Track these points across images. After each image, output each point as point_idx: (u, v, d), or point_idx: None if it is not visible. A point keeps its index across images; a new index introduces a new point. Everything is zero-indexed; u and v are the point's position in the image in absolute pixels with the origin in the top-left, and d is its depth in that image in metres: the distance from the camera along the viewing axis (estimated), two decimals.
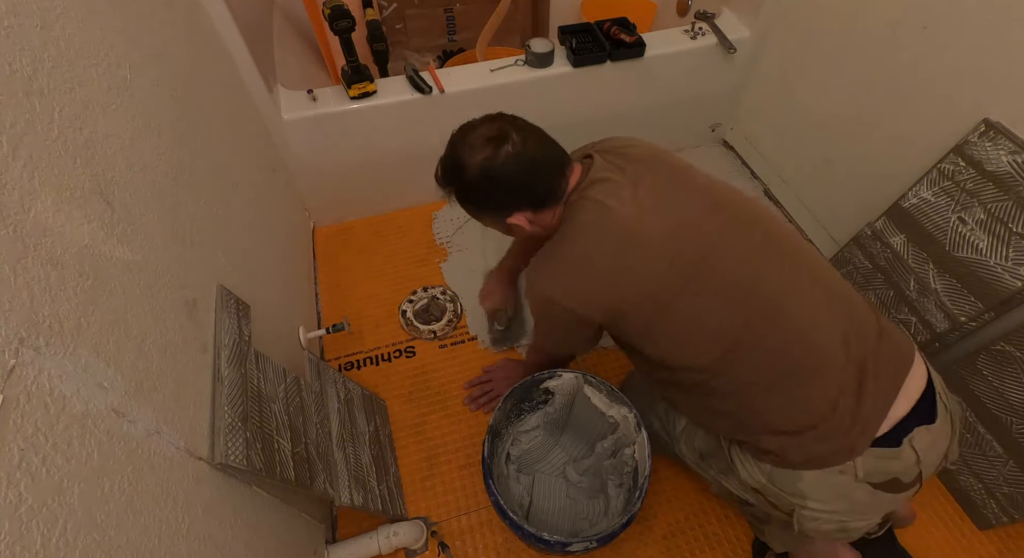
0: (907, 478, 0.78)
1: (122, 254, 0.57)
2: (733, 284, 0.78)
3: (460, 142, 0.84)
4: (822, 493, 0.79)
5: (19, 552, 0.37)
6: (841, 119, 1.41)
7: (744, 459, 0.86)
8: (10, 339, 0.40)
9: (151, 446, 0.55)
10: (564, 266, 0.83)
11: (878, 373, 0.78)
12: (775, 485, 0.83)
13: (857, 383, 0.77)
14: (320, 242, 1.65)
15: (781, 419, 0.80)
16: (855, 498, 0.79)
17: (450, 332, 1.46)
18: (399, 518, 1.13)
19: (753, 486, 0.86)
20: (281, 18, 1.58)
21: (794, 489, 0.81)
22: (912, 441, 0.77)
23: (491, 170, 0.81)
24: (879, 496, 0.78)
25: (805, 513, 0.81)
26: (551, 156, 0.85)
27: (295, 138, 1.36)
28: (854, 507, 0.80)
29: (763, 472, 0.83)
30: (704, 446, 0.96)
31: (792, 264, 0.81)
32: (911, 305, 1.19)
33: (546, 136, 0.86)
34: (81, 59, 0.58)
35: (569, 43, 1.46)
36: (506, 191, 0.84)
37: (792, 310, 0.78)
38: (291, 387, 0.90)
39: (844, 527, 0.81)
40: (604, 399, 1.11)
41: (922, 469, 0.78)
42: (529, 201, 0.85)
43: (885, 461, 0.77)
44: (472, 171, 0.82)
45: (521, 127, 0.83)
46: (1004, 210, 1.00)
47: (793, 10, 1.47)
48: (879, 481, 0.77)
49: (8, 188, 0.43)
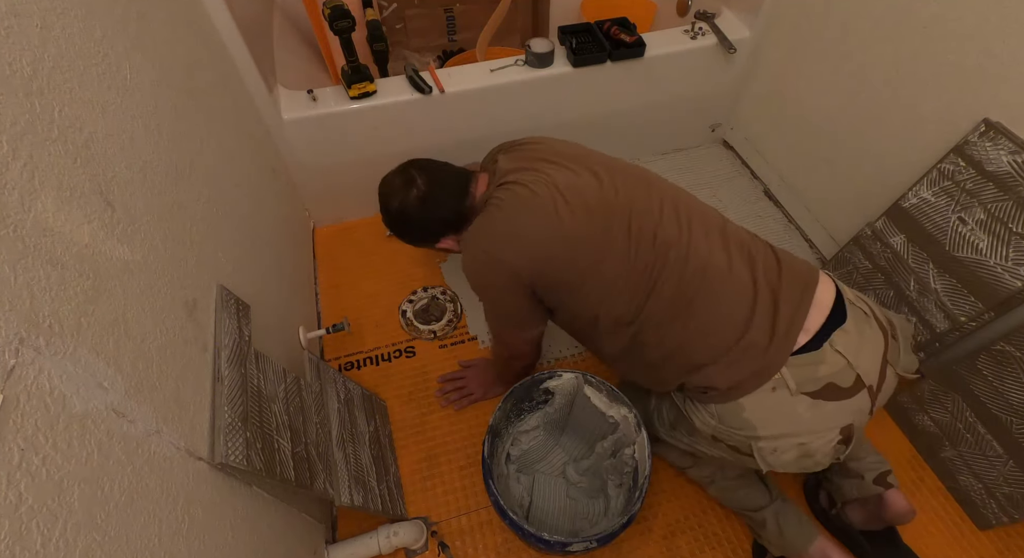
0: (844, 383, 0.82)
1: (122, 254, 0.57)
2: (639, 233, 0.88)
3: (383, 193, 1.06)
4: (766, 417, 0.84)
5: (19, 552, 0.37)
6: (841, 119, 1.41)
7: (694, 409, 0.92)
8: (10, 339, 0.40)
9: (151, 446, 0.55)
10: (496, 224, 0.93)
11: (786, 289, 0.85)
12: (725, 424, 0.88)
13: (770, 302, 0.84)
14: (320, 242, 1.65)
15: (702, 350, 0.86)
16: (798, 413, 0.82)
17: (450, 332, 1.46)
18: (399, 518, 1.13)
19: (711, 434, 0.91)
20: (281, 18, 1.58)
21: (741, 421, 0.85)
22: (832, 344, 0.83)
23: (406, 212, 1.02)
24: (822, 406, 0.82)
25: (761, 445, 0.85)
26: (452, 186, 1.02)
27: (295, 138, 1.36)
28: (803, 425, 0.83)
29: (711, 414, 0.89)
30: (670, 415, 1.03)
31: (676, 206, 0.91)
32: (911, 305, 1.19)
33: (447, 168, 1.05)
34: (81, 59, 0.58)
35: (569, 43, 1.46)
36: (425, 224, 1.04)
37: (692, 249, 0.87)
38: (291, 387, 0.90)
39: (805, 450, 0.84)
40: (604, 399, 1.11)
41: (859, 373, 0.82)
42: (448, 227, 1.04)
43: (812, 367, 0.82)
44: (393, 213, 1.04)
45: (422, 169, 1.03)
46: (1004, 210, 1.00)
47: (793, 10, 1.47)
48: (814, 390, 0.82)
49: (8, 188, 0.43)
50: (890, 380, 0.87)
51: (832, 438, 0.83)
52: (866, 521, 1.08)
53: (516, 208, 0.91)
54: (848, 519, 1.09)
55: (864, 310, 0.88)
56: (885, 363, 0.86)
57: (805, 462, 0.86)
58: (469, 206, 1.01)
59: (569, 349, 1.43)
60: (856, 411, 0.83)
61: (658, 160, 1.89)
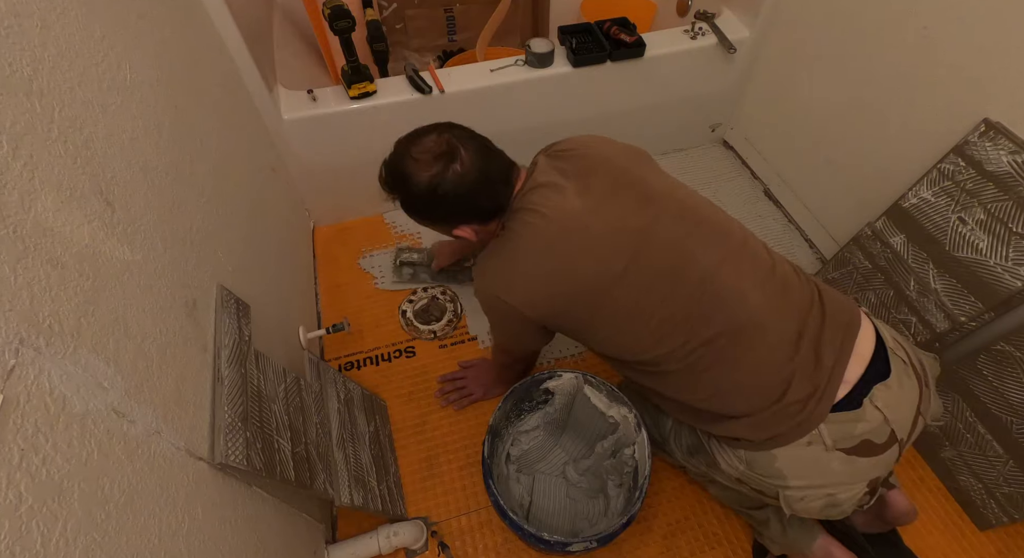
0: (879, 439, 0.79)
1: (122, 254, 0.57)
2: (665, 272, 0.81)
3: (406, 154, 0.83)
4: (798, 469, 0.81)
5: (19, 552, 0.37)
6: (841, 119, 1.41)
7: (720, 449, 0.88)
8: (10, 339, 0.40)
9: (151, 446, 0.55)
10: (507, 266, 0.86)
11: (828, 340, 0.80)
12: (754, 471, 0.84)
13: (812, 355, 0.79)
14: (320, 242, 1.65)
15: (737, 403, 0.81)
16: (831, 468, 0.79)
17: (450, 332, 1.46)
18: (399, 518, 1.13)
19: (735, 476, 0.87)
20: (281, 18, 1.58)
21: (772, 470, 0.82)
22: (872, 400, 0.78)
23: (439, 189, 0.81)
24: (855, 462, 0.79)
25: (789, 493, 0.82)
26: (498, 172, 0.86)
27: (295, 138, 1.36)
28: (833, 477, 0.80)
29: (740, 460, 0.85)
30: (689, 442, 0.98)
31: (721, 246, 0.83)
32: (911, 305, 1.19)
33: (493, 149, 0.87)
34: (81, 59, 0.58)
35: (569, 43, 1.46)
36: (453, 207, 0.85)
37: (725, 290, 0.80)
38: (291, 387, 0.90)
39: (832, 501, 0.82)
40: (604, 399, 1.11)
41: (894, 428, 0.79)
42: (476, 217, 0.88)
43: (850, 424, 0.78)
44: (419, 187, 0.82)
45: (468, 142, 0.83)
46: (1004, 210, 1.00)
47: (793, 10, 1.47)
48: (850, 446, 0.78)
49: (8, 188, 0.43)
50: (919, 429, 0.84)
51: (860, 490, 0.81)
52: (868, 523, 1.08)
53: (531, 247, 0.84)
54: (850, 521, 1.09)
55: (903, 359, 0.83)
56: (918, 415, 0.82)
57: (831, 511, 0.83)
58: (508, 202, 0.88)
59: (569, 349, 1.43)
60: (886, 465, 0.81)
61: (658, 160, 1.85)
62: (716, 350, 0.80)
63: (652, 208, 0.84)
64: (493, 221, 0.90)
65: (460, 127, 0.87)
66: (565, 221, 0.82)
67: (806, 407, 0.78)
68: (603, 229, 0.81)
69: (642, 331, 0.83)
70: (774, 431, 0.79)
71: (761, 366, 0.80)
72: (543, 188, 0.85)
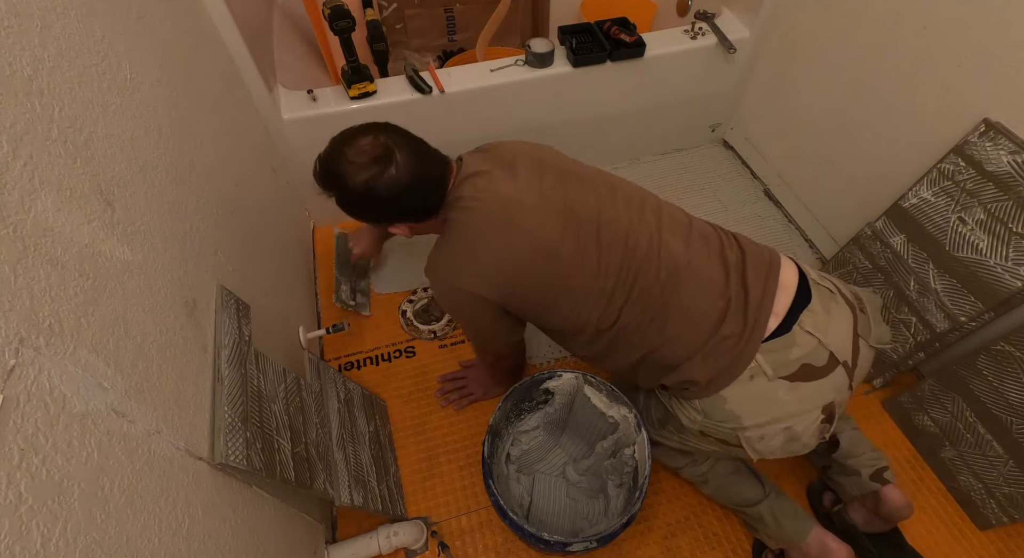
0: (818, 362, 0.83)
1: (122, 254, 0.57)
2: (594, 234, 0.86)
3: (341, 154, 0.83)
4: (749, 407, 0.85)
5: (19, 552, 0.37)
6: (841, 119, 1.41)
7: (679, 406, 0.93)
8: (10, 339, 0.40)
9: (151, 446, 0.55)
10: (455, 255, 0.90)
11: (752, 278, 0.86)
12: (711, 418, 0.88)
13: (741, 291, 0.85)
14: (320, 242, 1.65)
15: (679, 347, 0.86)
16: (779, 398, 0.83)
17: (450, 332, 1.46)
18: (399, 518, 1.13)
19: (699, 429, 0.91)
20: (281, 18, 1.58)
21: (725, 414, 0.86)
22: (802, 325, 0.84)
23: (374, 191, 0.83)
24: (800, 388, 0.83)
25: (748, 434, 0.86)
26: (432, 175, 0.88)
27: (295, 138, 1.36)
28: (784, 409, 0.84)
29: (696, 410, 0.90)
30: (657, 413, 1.03)
31: (639, 210, 0.90)
32: (911, 305, 1.19)
33: (428, 152, 0.89)
34: (81, 59, 0.58)
35: (569, 43, 1.46)
36: (388, 208, 0.88)
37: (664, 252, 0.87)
38: (291, 387, 0.90)
39: (791, 434, 0.85)
40: (604, 399, 1.11)
41: (832, 350, 0.83)
42: (411, 216, 0.92)
43: (784, 351, 0.83)
44: (354, 188, 0.83)
45: (404, 145, 0.85)
46: (1004, 210, 1.00)
47: (793, 10, 1.47)
48: (790, 372, 0.83)
49: (8, 188, 0.43)
50: (865, 354, 0.88)
51: (815, 418, 0.84)
52: (868, 522, 1.08)
53: (475, 231, 0.87)
54: (851, 520, 1.10)
55: (829, 288, 0.88)
56: (856, 337, 0.87)
57: (792, 446, 0.86)
58: (441, 202, 0.91)
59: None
60: (835, 388, 0.84)
61: (658, 160, 1.90)
62: (656, 297, 0.86)
63: (572, 181, 0.91)
64: (428, 219, 0.93)
65: (397, 129, 0.88)
66: (500, 200, 0.87)
67: (741, 339, 0.83)
68: (535, 202, 0.87)
69: (593, 290, 0.87)
70: (716, 367, 0.84)
71: (696, 306, 0.85)
72: (474, 177, 0.89)
